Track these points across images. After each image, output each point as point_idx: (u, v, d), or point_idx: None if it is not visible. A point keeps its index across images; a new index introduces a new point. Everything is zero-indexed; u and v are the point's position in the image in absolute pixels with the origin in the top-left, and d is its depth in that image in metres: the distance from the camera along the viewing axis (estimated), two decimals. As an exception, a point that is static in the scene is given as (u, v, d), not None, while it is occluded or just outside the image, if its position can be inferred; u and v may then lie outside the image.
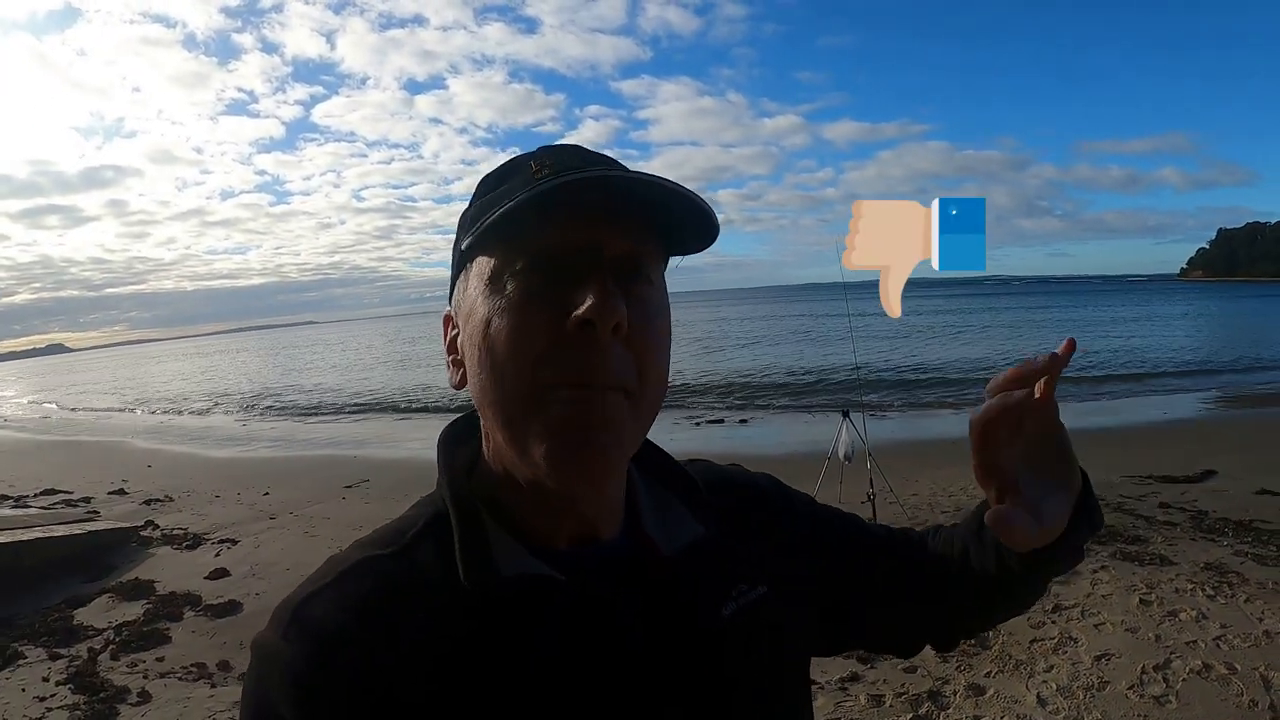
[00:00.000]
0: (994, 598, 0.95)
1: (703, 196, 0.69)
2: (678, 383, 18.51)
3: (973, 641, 4.91)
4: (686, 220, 0.72)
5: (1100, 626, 4.96)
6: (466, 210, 0.77)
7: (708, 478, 0.93)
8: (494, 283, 0.70)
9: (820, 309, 76.28)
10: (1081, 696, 4.17)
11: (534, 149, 0.78)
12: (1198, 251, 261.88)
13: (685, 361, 29.81)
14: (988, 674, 4.51)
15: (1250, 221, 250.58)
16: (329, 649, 0.67)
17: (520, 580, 0.71)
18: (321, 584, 0.72)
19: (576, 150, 0.76)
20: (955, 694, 4.33)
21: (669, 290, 0.77)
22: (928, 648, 1.05)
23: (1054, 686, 4.28)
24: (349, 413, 23.75)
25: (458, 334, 0.77)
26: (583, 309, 0.65)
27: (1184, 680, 4.25)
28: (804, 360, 28.96)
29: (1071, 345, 0.74)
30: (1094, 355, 25.44)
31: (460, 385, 0.76)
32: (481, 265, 0.72)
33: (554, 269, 0.68)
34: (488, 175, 0.78)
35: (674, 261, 0.78)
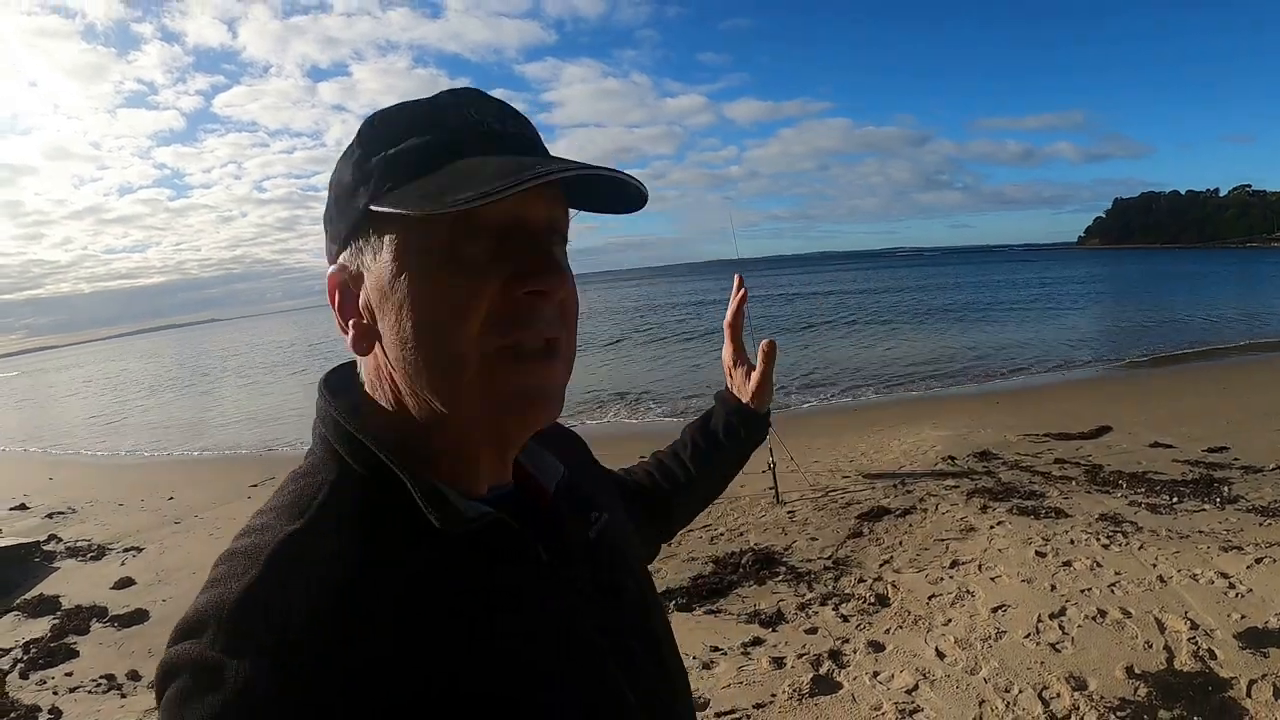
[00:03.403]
0: (713, 467, 1.34)
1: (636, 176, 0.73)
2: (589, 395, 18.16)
3: (873, 601, 4.92)
4: (620, 194, 0.76)
5: (997, 579, 4.95)
6: (370, 157, 0.72)
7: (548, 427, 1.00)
8: (427, 251, 0.68)
9: (722, 288, 75.79)
10: (979, 647, 4.11)
11: (436, 93, 0.75)
12: (1094, 221, 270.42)
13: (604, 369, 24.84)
14: (887, 630, 4.45)
15: (1145, 191, 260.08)
16: (284, 640, 0.60)
17: (481, 519, 0.72)
18: (248, 577, 0.64)
19: (483, 100, 0.75)
20: (855, 651, 4.24)
21: (584, 269, 0.67)
22: None
23: (951, 639, 4.22)
24: (258, 416, 22.72)
25: (356, 296, 0.74)
26: (534, 279, 0.68)
27: (1079, 626, 4.23)
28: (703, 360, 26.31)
29: (740, 282, 1.32)
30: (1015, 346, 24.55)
31: (365, 351, 0.74)
32: (407, 230, 0.69)
33: (492, 239, 0.68)
34: (384, 116, 0.74)
35: (591, 240, 0.75)
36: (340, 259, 0.75)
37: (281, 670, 0.58)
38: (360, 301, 0.73)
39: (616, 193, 0.76)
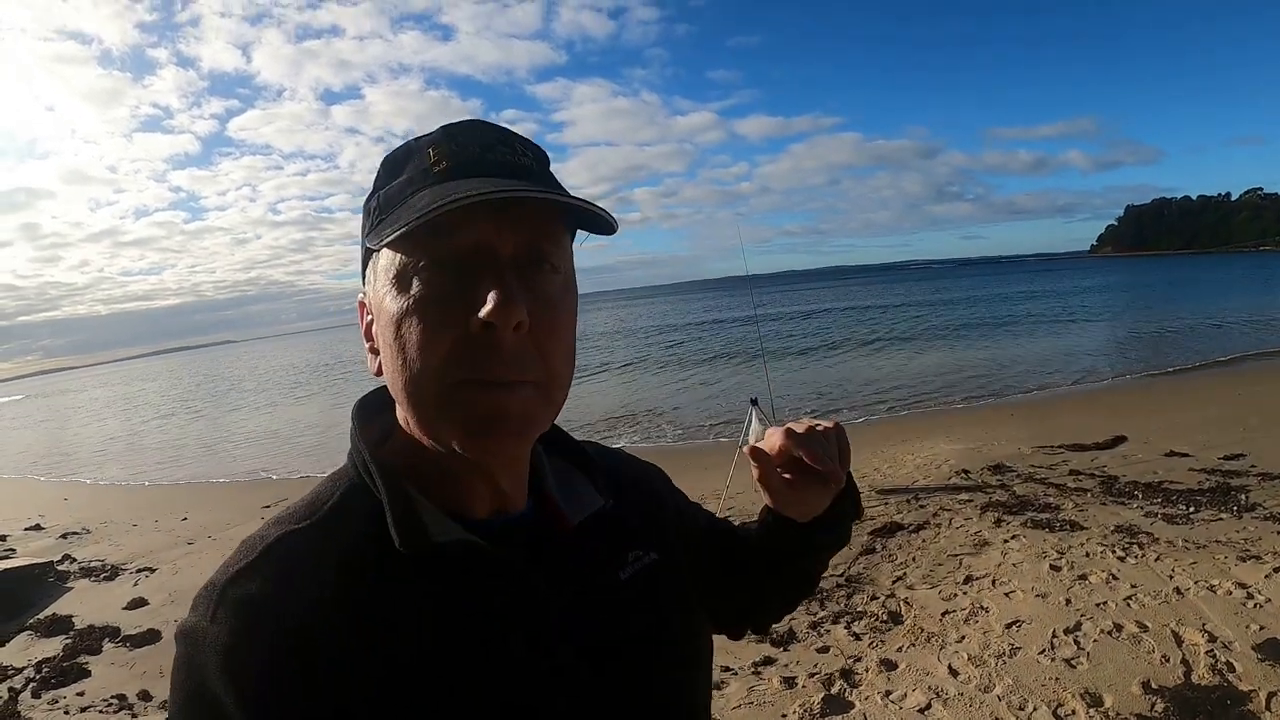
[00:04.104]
0: (784, 574, 1.07)
1: (596, 202, 0.73)
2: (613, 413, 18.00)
3: (885, 618, 4.86)
4: (585, 216, 0.75)
5: (1011, 595, 4.89)
6: (371, 197, 0.79)
7: (602, 455, 1.01)
8: (399, 281, 0.71)
9: (732, 308, 74.60)
10: (993, 664, 4.06)
11: (434, 129, 0.78)
12: (1107, 228, 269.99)
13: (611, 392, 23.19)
14: (899, 649, 4.40)
15: (1157, 198, 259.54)
16: (260, 621, 0.68)
17: (452, 546, 0.73)
18: (244, 563, 0.72)
19: (476, 130, 0.77)
20: (867, 670, 4.19)
21: (598, 288, 0.64)
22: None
23: (965, 656, 4.17)
24: (272, 438, 22.70)
25: (372, 321, 0.78)
26: (484, 311, 0.67)
27: (1095, 641, 4.17)
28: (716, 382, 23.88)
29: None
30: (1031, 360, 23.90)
31: (379, 373, 0.78)
32: (387, 260, 0.73)
33: (456, 269, 0.69)
34: (388, 157, 0.79)
35: (603, 259, 0.72)
36: (364, 288, 0.81)
37: (253, 640, 0.67)
38: (374, 329, 0.78)
39: (593, 221, 0.77)
